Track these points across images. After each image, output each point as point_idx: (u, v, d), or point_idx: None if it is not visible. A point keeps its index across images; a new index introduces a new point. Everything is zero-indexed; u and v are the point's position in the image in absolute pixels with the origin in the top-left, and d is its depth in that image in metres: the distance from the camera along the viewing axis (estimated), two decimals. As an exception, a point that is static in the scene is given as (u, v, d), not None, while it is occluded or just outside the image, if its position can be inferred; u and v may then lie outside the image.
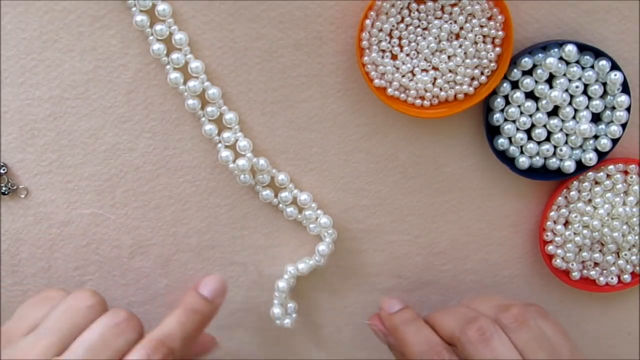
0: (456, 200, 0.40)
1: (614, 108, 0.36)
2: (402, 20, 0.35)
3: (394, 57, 0.36)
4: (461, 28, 0.35)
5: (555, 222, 0.40)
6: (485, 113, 0.37)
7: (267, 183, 0.38)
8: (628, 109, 0.36)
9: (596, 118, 0.37)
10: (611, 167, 0.38)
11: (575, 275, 0.40)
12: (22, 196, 0.38)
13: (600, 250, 0.40)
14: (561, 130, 0.36)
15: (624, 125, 0.36)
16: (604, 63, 0.35)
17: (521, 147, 0.37)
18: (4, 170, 0.38)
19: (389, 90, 0.36)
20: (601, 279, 0.40)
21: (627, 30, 0.36)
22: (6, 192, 0.38)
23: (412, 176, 0.39)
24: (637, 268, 0.40)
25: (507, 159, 0.38)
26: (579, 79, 0.35)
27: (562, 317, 0.43)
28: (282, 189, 0.39)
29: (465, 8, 0.34)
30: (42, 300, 0.35)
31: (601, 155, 0.37)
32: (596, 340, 0.44)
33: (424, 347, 0.35)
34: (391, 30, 0.35)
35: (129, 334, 0.32)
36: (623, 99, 0.35)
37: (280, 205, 0.39)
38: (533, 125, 0.36)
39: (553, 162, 0.37)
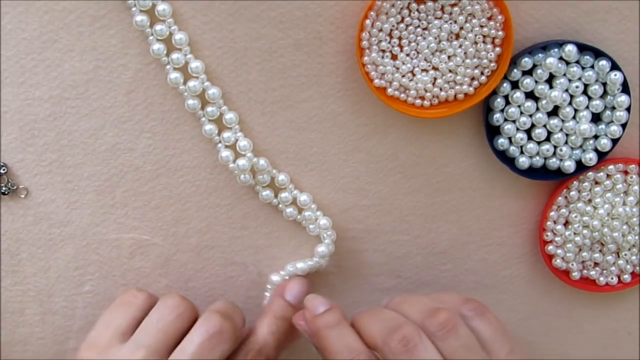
0: (456, 200, 0.40)
1: (614, 108, 0.36)
2: (402, 20, 0.35)
3: (394, 57, 0.36)
4: (461, 28, 0.35)
5: (555, 222, 0.40)
6: (485, 113, 0.37)
7: (267, 183, 0.38)
8: (628, 109, 0.36)
9: (596, 118, 0.37)
10: (611, 167, 0.38)
11: (575, 275, 0.40)
12: (22, 196, 0.38)
13: (600, 250, 0.40)
14: (561, 130, 0.36)
15: (624, 125, 0.36)
16: (604, 63, 0.35)
17: (521, 147, 0.37)
18: (4, 170, 0.38)
19: (389, 90, 0.36)
20: (601, 279, 0.40)
21: (627, 30, 0.36)
22: (6, 192, 0.38)
23: (412, 176, 0.39)
24: (637, 268, 0.40)
25: (507, 159, 0.38)
26: (579, 79, 0.35)
27: (562, 317, 0.43)
28: (282, 189, 0.39)
29: (465, 8, 0.34)
30: (123, 305, 0.35)
31: (601, 155, 0.37)
32: (596, 340, 0.44)
33: (345, 355, 0.32)
34: (391, 30, 0.35)
35: (224, 345, 0.33)
36: (623, 99, 0.35)
37: (280, 205, 0.39)
38: (533, 125, 0.36)
39: (553, 162, 0.37)
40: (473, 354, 0.31)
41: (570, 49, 0.35)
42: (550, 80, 0.36)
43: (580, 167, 0.37)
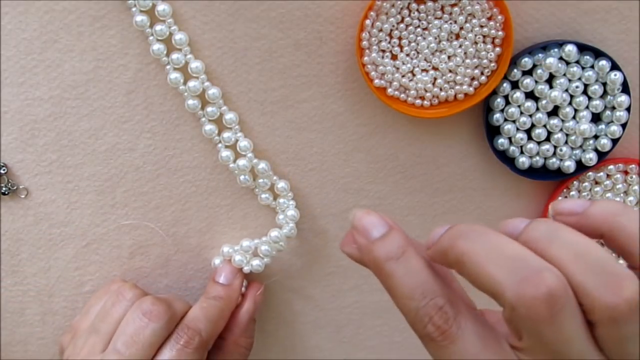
0: (456, 200, 0.40)
1: (614, 108, 0.36)
2: (402, 20, 0.35)
3: (394, 57, 0.36)
4: (461, 28, 0.35)
5: (555, 222, 0.39)
6: (485, 113, 0.37)
7: (267, 188, 0.38)
8: (628, 109, 0.36)
9: (596, 118, 0.37)
10: (611, 167, 0.38)
11: (575, 275, 0.40)
12: (22, 196, 0.38)
13: (600, 250, 0.40)
14: (561, 130, 0.36)
15: (624, 125, 0.36)
16: (604, 63, 0.35)
17: (521, 147, 0.37)
18: (4, 170, 0.38)
19: (389, 90, 0.36)
20: (601, 279, 0.40)
21: (627, 30, 0.36)
22: (6, 192, 0.38)
23: (412, 176, 0.39)
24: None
25: (507, 159, 0.38)
26: (579, 79, 0.35)
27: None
28: (280, 195, 0.39)
29: (465, 8, 0.34)
30: (103, 293, 0.38)
31: (601, 155, 0.37)
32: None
33: (417, 300, 0.23)
34: (391, 30, 0.35)
35: (155, 324, 0.34)
36: (623, 99, 0.35)
37: (277, 208, 0.39)
38: (533, 125, 0.36)
39: (553, 162, 0.37)
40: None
41: (570, 49, 0.35)
42: (550, 80, 0.36)
43: (580, 167, 0.37)
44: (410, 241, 0.25)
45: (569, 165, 0.37)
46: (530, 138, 0.37)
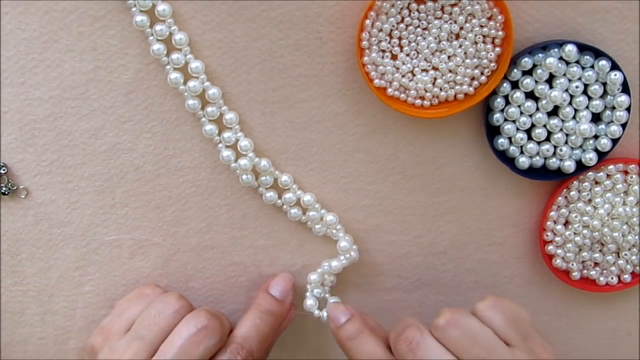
0: (456, 200, 0.40)
1: (614, 108, 0.36)
2: (402, 20, 0.35)
3: (394, 57, 0.36)
4: (461, 28, 0.35)
5: (555, 222, 0.40)
6: (485, 113, 0.37)
7: (270, 185, 0.38)
8: (628, 109, 0.36)
9: (596, 118, 0.37)
10: (611, 167, 0.38)
11: (575, 275, 0.40)
12: (22, 196, 0.38)
13: (600, 250, 0.40)
14: (561, 130, 0.36)
15: (624, 125, 0.36)
16: (604, 63, 0.35)
17: (521, 147, 0.37)
18: (4, 170, 0.38)
19: (389, 90, 0.36)
20: (601, 278, 0.40)
21: (627, 30, 0.36)
22: (6, 192, 0.38)
23: (412, 176, 0.39)
24: (637, 268, 0.40)
25: (507, 159, 0.38)
26: (579, 79, 0.35)
27: (562, 317, 0.43)
28: (285, 190, 0.39)
29: (465, 8, 0.34)
30: (137, 296, 0.37)
31: (601, 155, 0.37)
32: (596, 340, 0.44)
33: None
34: (391, 30, 0.35)
35: (210, 340, 0.34)
36: (623, 99, 0.35)
37: (285, 206, 0.39)
38: (533, 125, 0.36)
39: (553, 162, 0.37)
40: (476, 342, 0.32)
41: (570, 49, 0.35)
42: (550, 80, 0.36)
43: (580, 167, 0.37)
44: (365, 324, 0.36)
45: (569, 165, 0.37)
46: (530, 138, 0.37)
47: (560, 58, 0.35)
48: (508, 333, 0.32)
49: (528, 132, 0.37)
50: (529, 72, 0.36)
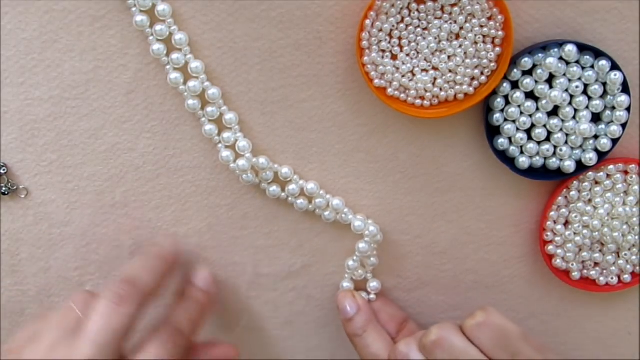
0: (456, 200, 0.40)
1: (614, 108, 0.36)
2: (402, 20, 0.35)
3: (394, 57, 0.36)
4: (461, 28, 0.35)
5: (555, 222, 0.40)
6: (485, 113, 0.37)
7: (271, 180, 0.38)
8: (628, 109, 0.36)
9: (596, 118, 0.37)
10: (611, 167, 0.38)
11: (575, 275, 0.40)
12: (22, 196, 0.38)
13: (600, 250, 0.40)
14: (561, 130, 0.36)
15: (624, 125, 0.36)
16: (604, 63, 0.35)
17: (521, 147, 0.37)
18: (4, 170, 0.38)
19: (389, 90, 0.36)
20: (601, 279, 0.40)
21: (627, 30, 0.36)
22: (6, 192, 0.38)
23: (412, 176, 0.39)
24: (637, 268, 0.40)
25: (507, 159, 0.38)
26: (579, 79, 0.35)
27: (562, 317, 0.43)
28: (287, 182, 0.38)
29: (465, 8, 0.34)
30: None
31: (601, 155, 0.37)
32: (596, 340, 0.44)
33: None
34: (391, 30, 0.35)
35: (125, 309, 0.33)
36: (623, 99, 0.35)
37: (290, 198, 0.39)
38: (533, 125, 0.36)
39: (553, 162, 0.37)
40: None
41: (570, 49, 0.35)
42: (550, 80, 0.36)
43: (580, 167, 0.37)
44: (372, 319, 0.37)
45: (569, 165, 0.37)
46: (530, 138, 0.37)
47: (560, 58, 0.35)
48: (495, 354, 0.32)
49: (528, 132, 0.37)
50: (529, 72, 0.36)
